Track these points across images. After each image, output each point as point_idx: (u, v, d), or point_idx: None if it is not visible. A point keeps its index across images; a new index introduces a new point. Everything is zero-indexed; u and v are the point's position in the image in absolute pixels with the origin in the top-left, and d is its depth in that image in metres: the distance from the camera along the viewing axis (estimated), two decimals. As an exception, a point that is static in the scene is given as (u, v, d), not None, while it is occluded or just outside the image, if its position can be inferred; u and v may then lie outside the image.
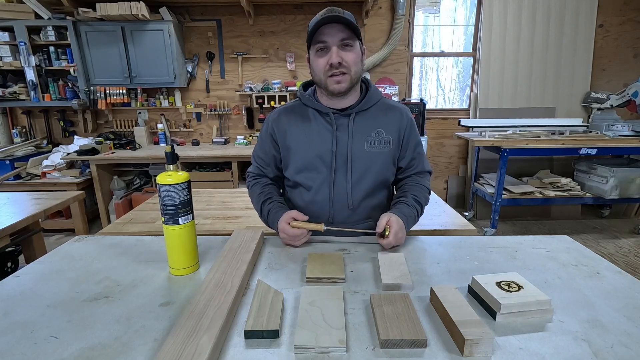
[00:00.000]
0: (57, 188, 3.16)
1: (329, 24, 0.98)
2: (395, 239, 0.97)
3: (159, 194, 0.83)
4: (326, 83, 1.03)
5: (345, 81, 1.02)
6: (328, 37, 0.99)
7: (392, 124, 1.12)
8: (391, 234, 0.97)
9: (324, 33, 0.99)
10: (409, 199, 1.10)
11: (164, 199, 0.82)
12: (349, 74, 1.02)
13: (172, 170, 0.83)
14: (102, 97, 3.42)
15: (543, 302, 0.67)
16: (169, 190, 0.82)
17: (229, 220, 1.66)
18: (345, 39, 0.99)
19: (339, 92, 1.04)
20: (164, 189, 0.82)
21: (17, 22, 3.18)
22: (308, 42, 1.04)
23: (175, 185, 0.82)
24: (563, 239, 1.07)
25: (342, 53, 1.00)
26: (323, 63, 1.01)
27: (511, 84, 3.65)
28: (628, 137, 3.09)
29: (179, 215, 0.84)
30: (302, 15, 3.57)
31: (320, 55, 1.02)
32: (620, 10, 3.57)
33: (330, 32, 0.98)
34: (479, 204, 3.70)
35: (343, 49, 1.00)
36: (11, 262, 1.69)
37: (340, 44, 1.00)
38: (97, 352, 0.60)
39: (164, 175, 0.82)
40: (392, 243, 0.97)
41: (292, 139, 1.12)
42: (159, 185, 0.82)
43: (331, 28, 0.98)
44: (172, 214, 0.83)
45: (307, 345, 0.59)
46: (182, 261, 0.87)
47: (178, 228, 0.84)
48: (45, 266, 0.91)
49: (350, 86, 1.04)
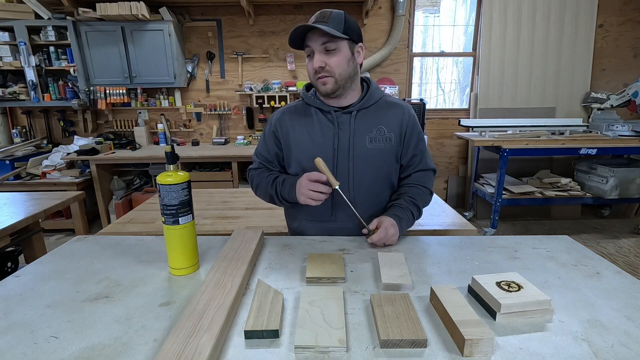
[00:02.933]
0: (57, 188, 3.16)
1: (306, 31, 1.01)
2: (385, 234, 0.98)
3: (159, 194, 0.83)
4: (316, 84, 1.08)
5: (329, 83, 1.05)
6: (311, 42, 1.03)
7: (394, 121, 1.13)
8: (381, 229, 0.98)
9: (308, 38, 1.03)
10: (403, 201, 1.11)
11: (164, 199, 0.82)
12: (333, 76, 1.04)
13: (172, 170, 0.83)
14: (102, 97, 3.42)
15: (543, 302, 0.67)
16: (169, 190, 0.82)
17: (229, 220, 1.66)
18: (326, 43, 1.01)
19: (326, 93, 1.07)
20: (164, 189, 0.81)
21: (17, 22, 3.18)
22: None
23: (175, 185, 0.82)
24: (563, 239, 1.07)
25: (325, 57, 1.02)
26: (310, 67, 1.06)
27: (511, 84, 3.65)
28: (628, 137, 3.09)
29: (179, 215, 0.84)
30: (302, 15, 3.57)
31: (309, 60, 1.06)
32: (620, 10, 3.57)
33: (313, 38, 1.02)
34: (479, 204, 3.70)
35: (326, 53, 1.03)
36: (11, 262, 1.69)
37: (322, 48, 1.02)
38: (97, 352, 0.60)
39: (164, 175, 0.82)
40: (380, 238, 0.99)
41: (295, 137, 1.14)
42: (159, 185, 0.82)
43: (313, 33, 1.01)
44: (172, 214, 0.83)
45: (307, 345, 0.59)
46: (182, 261, 0.87)
47: (178, 228, 0.84)
48: (45, 266, 0.91)
49: (336, 87, 1.06)
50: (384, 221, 1.01)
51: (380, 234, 0.98)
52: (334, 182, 1.01)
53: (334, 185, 1.01)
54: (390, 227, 1.00)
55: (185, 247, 0.86)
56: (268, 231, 1.09)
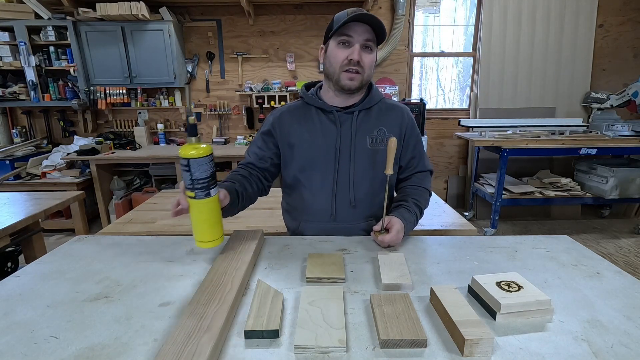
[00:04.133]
0: (57, 188, 3.16)
1: (360, 21, 0.99)
2: (396, 237, 0.98)
3: (186, 168, 0.79)
4: (339, 76, 1.04)
5: (357, 80, 1.04)
6: (354, 34, 1.00)
7: (394, 123, 1.13)
8: (392, 232, 0.98)
9: (352, 28, 1.00)
10: (410, 203, 1.11)
11: (194, 173, 0.79)
12: (362, 74, 1.04)
13: (195, 142, 0.81)
14: (102, 97, 3.42)
15: (543, 302, 0.67)
16: (200, 164, 0.79)
17: (229, 220, 1.65)
18: (369, 40, 1.01)
19: (349, 88, 1.05)
20: (194, 163, 0.78)
21: (17, 22, 3.18)
22: (330, 33, 1.03)
23: (204, 157, 0.80)
24: (563, 239, 1.07)
25: (362, 53, 1.02)
26: (343, 56, 1.02)
27: (511, 84, 3.65)
28: (628, 137, 3.09)
29: (210, 187, 0.83)
30: (302, 15, 3.57)
31: (341, 47, 1.02)
32: (620, 10, 3.57)
33: (358, 30, 1.00)
34: (479, 204, 3.70)
35: (364, 50, 1.02)
36: (11, 262, 1.69)
37: (364, 44, 1.01)
38: (97, 352, 0.60)
39: (188, 147, 0.79)
40: (390, 241, 0.98)
41: (295, 136, 1.13)
42: (187, 160, 0.78)
43: (359, 26, 0.99)
44: (204, 187, 0.81)
45: (307, 345, 0.59)
46: (213, 233, 0.87)
47: (210, 201, 0.83)
48: (45, 266, 0.91)
49: (360, 86, 1.06)
50: (395, 223, 1.00)
51: (392, 237, 0.98)
52: (390, 169, 0.99)
53: (388, 172, 0.99)
54: (400, 230, 1.00)
55: (217, 219, 0.87)
56: (268, 231, 1.09)
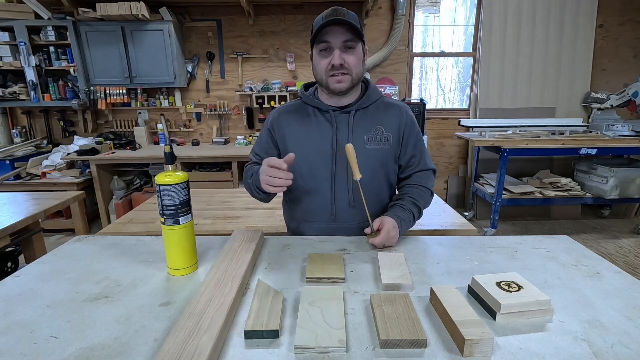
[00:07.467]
0: (57, 188, 3.16)
1: (333, 25, 0.98)
2: (387, 237, 0.98)
3: (157, 194, 0.83)
4: (327, 82, 1.05)
5: (346, 81, 1.04)
6: (331, 38, 1.00)
7: (392, 121, 1.13)
8: (382, 233, 0.97)
9: (327, 33, 1.00)
10: (406, 202, 1.11)
11: (163, 200, 0.82)
12: (350, 74, 1.04)
13: (171, 170, 0.83)
14: (102, 97, 3.42)
15: (543, 302, 0.67)
16: (169, 191, 0.81)
17: (229, 220, 1.65)
18: (347, 41, 1.00)
19: (340, 91, 1.05)
20: (164, 190, 0.81)
21: (17, 22, 3.18)
22: (312, 40, 1.04)
23: (175, 185, 0.82)
24: (563, 239, 1.07)
25: (344, 55, 1.01)
26: (325, 63, 1.03)
27: (511, 84, 3.65)
28: (628, 137, 3.09)
29: (179, 215, 0.83)
30: (302, 15, 3.57)
31: (323, 55, 1.03)
32: (620, 10, 3.57)
33: (334, 34, 1.00)
34: (479, 204, 3.70)
35: (345, 51, 1.01)
36: (11, 262, 1.69)
37: (343, 45, 1.01)
38: (97, 352, 0.60)
39: (162, 175, 0.82)
40: (382, 241, 0.98)
41: (292, 137, 1.13)
42: (158, 186, 0.82)
43: (335, 29, 0.99)
44: (172, 214, 0.83)
45: (307, 345, 0.59)
46: (182, 261, 0.87)
47: (178, 228, 0.84)
48: (45, 266, 0.91)
49: (351, 86, 1.06)
50: (386, 223, 1.00)
51: (382, 238, 0.98)
52: (357, 173, 1.00)
53: (355, 177, 1.00)
54: (391, 230, 0.99)
55: (185, 247, 0.86)
56: (268, 231, 1.09)
